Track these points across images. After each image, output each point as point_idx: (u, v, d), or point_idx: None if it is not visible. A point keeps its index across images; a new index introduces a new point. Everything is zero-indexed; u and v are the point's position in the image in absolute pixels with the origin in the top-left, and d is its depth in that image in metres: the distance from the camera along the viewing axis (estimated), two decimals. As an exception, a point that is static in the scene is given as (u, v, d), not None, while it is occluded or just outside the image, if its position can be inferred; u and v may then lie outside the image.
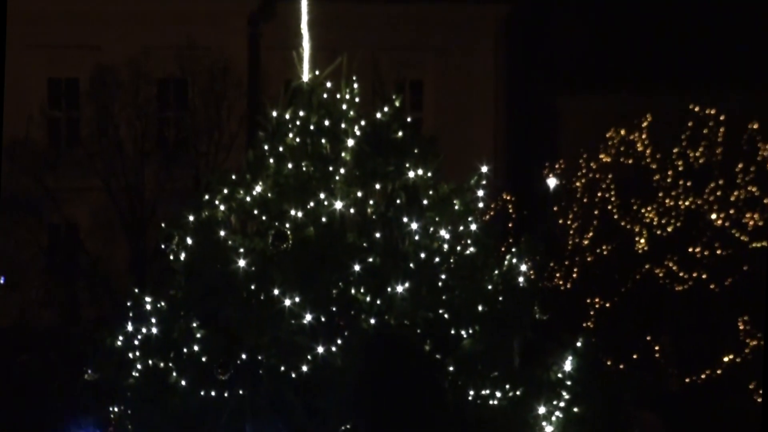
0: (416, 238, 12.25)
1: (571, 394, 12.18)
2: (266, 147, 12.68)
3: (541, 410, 12.05)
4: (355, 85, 12.94)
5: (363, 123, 12.80)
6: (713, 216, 33.69)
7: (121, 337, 12.57)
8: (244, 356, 11.85)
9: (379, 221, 12.29)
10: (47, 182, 47.16)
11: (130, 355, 12.47)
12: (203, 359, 11.90)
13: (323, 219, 12.14)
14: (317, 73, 12.90)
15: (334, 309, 12.00)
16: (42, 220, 48.20)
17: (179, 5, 48.36)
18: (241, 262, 12.13)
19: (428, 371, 11.99)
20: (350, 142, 12.49)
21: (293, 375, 11.77)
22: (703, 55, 52.80)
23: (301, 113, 12.60)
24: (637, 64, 51.30)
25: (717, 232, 33.93)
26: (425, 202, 12.49)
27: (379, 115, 12.81)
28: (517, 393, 12.17)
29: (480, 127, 51.87)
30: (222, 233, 12.39)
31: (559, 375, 12.27)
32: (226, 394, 11.87)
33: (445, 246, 12.39)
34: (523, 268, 12.65)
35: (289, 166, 12.46)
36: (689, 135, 34.77)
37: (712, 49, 52.93)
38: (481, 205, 12.99)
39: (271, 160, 12.51)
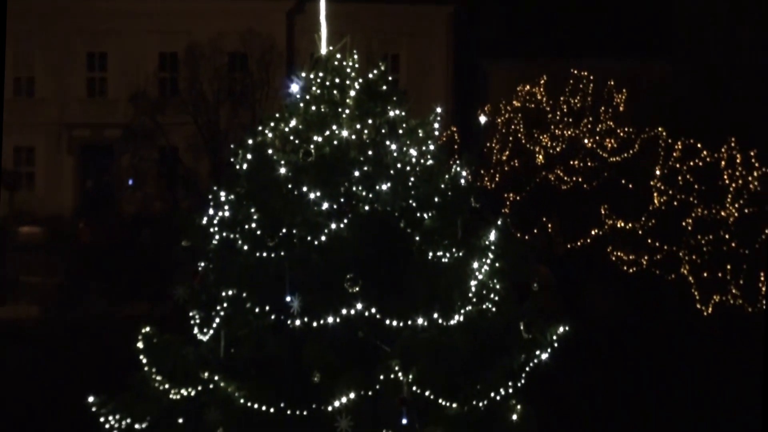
0: (395, 154, 12.39)
1: (494, 254, 12.21)
2: (297, 97, 12.67)
3: (475, 265, 12.03)
4: (355, 56, 13.03)
5: (360, 80, 12.87)
6: (585, 141, 33.76)
7: (205, 218, 12.55)
8: (284, 230, 11.85)
9: (371, 144, 12.43)
10: (157, 119, 47.60)
11: (211, 229, 12.46)
12: (258, 232, 11.89)
13: (335, 142, 12.25)
14: (331, 48, 12.90)
15: (342, 200, 12.09)
16: (154, 143, 49.63)
17: (242, 4, 50.14)
18: (282, 170, 12.16)
19: (402, 241, 12.01)
20: (352, 93, 12.69)
21: (315, 243, 11.78)
22: (580, 35, 53.15)
23: (320, 74, 12.67)
24: (538, 43, 52.48)
25: (588, 151, 33.96)
26: (400, 131, 12.57)
27: (371, 75, 12.88)
28: (460, 254, 12.22)
29: (436, 83, 54.59)
30: (269, 151, 12.42)
31: (486, 242, 12.27)
32: (273, 255, 11.81)
33: (413, 160, 12.43)
34: (464, 174, 12.67)
35: (312, 108, 12.49)
36: (571, 88, 34.56)
37: (587, 31, 53.21)
38: (437, 133, 12.96)
39: (301, 104, 12.50)
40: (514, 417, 12.64)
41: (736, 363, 31.93)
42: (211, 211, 13.21)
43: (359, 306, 12.08)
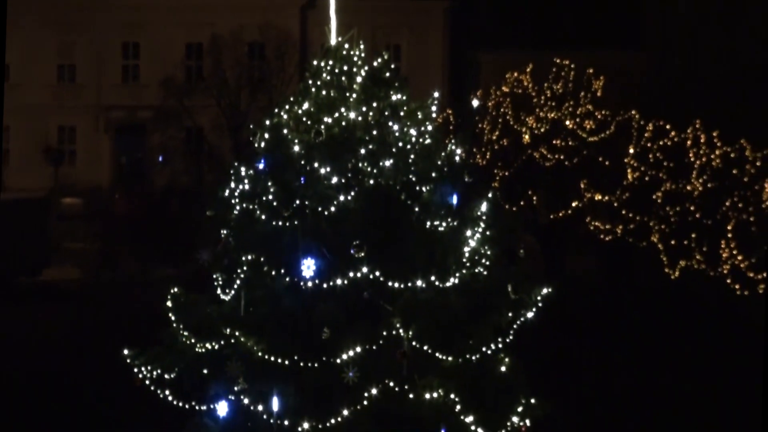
0: (396, 134, 12.27)
1: (485, 224, 12.11)
2: (310, 81, 12.51)
3: (468, 233, 11.94)
4: (361, 47, 12.90)
5: (366, 68, 12.73)
6: (567, 122, 33.56)
7: (227, 190, 12.46)
8: (297, 202, 11.75)
9: (375, 125, 12.33)
10: (184, 102, 47.39)
11: (232, 201, 12.38)
12: (274, 203, 11.81)
13: (343, 123, 12.15)
14: (339, 39, 12.75)
15: (349, 174, 11.96)
16: (182, 124, 49.44)
17: (262, 1, 49.03)
18: (296, 148, 12.07)
19: (403, 211, 11.92)
20: (358, 79, 12.55)
21: (326, 213, 11.71)
22: (563, 27, 52.83)
23: (330, 62, 12.51)
24: (525, 34, 52.05)
25: (569, 132, 33.88)
26: (401, 113, 12.44)
27: (375, 64, 12.75)
28: (454, 223, 12.08)
29: (433, 70, 54.78)
30: (284, 131, 12.30)
31: (478, 213, 12.17)
32: (287, 224, 11.73)
33: (413, 139, 12.32)
34: (459, 152, 12.56)
35: (323, 92, 12.37)
36: (553, 76, 34.31)
37: (569, 24, 52.89)
38: (434, 115, 12.84)
39: (313, 89, 12.37)
40: (503, 369, 12.66)
41: (700, 319, 32.00)
42: (232, 185, 13.15)
43: (364, 269, 12.03)
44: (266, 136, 13.24)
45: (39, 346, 30.79)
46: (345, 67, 13.23)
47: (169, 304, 13.05)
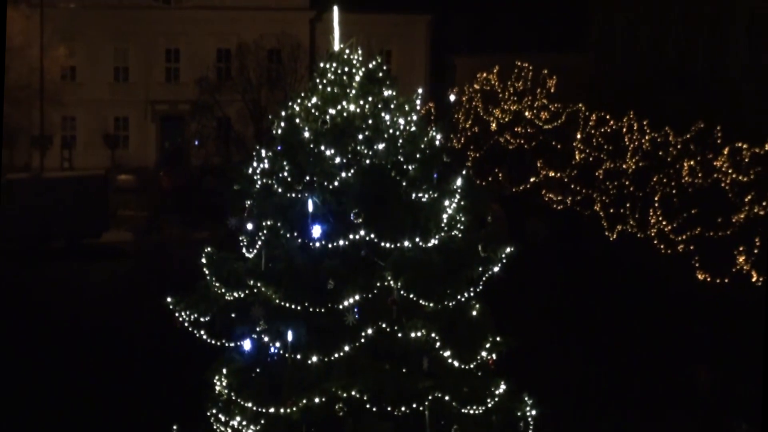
0: (387, 123, 12.05)
1: (460, 195, 11.96)
2: (317, 80, 12.31)
3: (446, 203, 11.80)
4: (359, 52, 12.67)
5: (363, 69, 12.47)
6: (526, 113, 33.35)
7: (250, 168, 12.29)
8: (307, 177, 11.62)
9: (370, 115, 12.10)
10: (216, 97, 46.84)
11: (255, 177, 12.21)
12: (288, 179, 11.67)
13: (344, 114, 11.96)
14: (341, 46, 12.54)
15: (349, 155, 11.82)
16: (214, 114, 48.63)
17: (277, 14, 50.76)
18: (306, 134, 11.89)
19: (393, 185, 11.77)
20: (357, 78, 12.26)
21: (330, 187, 11.57)
22: (523, 36, 52.24)
23: (334, 64, 12.31)
24: (492, 42, 51.47)
25: (528, 121, 33.66)
26: (392, 106, 12.23)
27: (370, 66, 12.53)
28: (435, 194, 11.94)
29: (418, 71, 54.72)
30: (297, 120, 12.11)
31: (454, 186, 12.03)
32: (299, 195, 11.62)
33: (401, 127, 12.13)
34: (439, 137, 12.38)
35: (328, 89, 12.17)
36: (515, 75, 34.10)
37: (528, 32, 52.26)
38: (418, 107, 12.66)
39: (320, 86, 12.18)
40: (474, 313, 12.57)
41: (631, 271, 32.08)
42: (254, 164, 13.01)
43: (362, 232, 11.92)
44: (282, 124, 13.09)
45: (100, 295, 31.20)
46: (345, 69, 13.06)
47: (203, 260, 12.91)
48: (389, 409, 12.00)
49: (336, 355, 12.04)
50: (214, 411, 13.17)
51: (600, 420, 20.56)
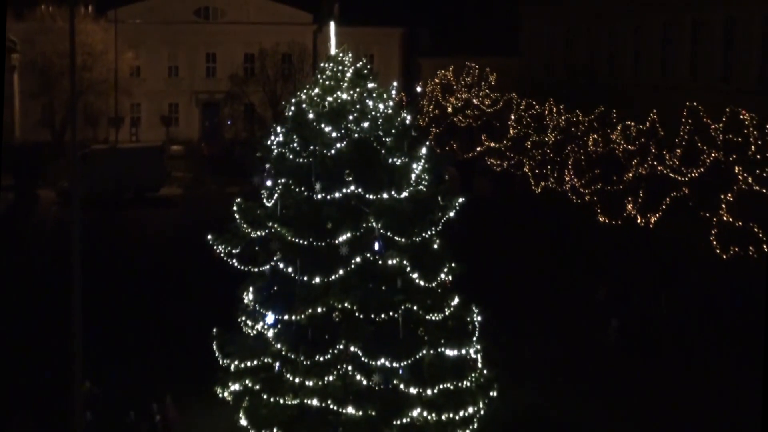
0: (370, 107, 11.86)
1: (425, 160, 11.85)
2: (318, 76, 12.09)
3: (414, 166, 11.76)
4: (350, 55, 12.41)
5: (352, 68, 12.25)
6: (474, 100, 33.83)
7: (268, 141, 12.09)
8: (311, 147, 11.52)
9: (358, 101, 11.86)
10: (243, 89, 46.12)
11: (272, 147, 12.05)
12: (297, 148, 11.54)
13: (339, 100, 11.75)
14: (336, 50, 12.29)
15: (342, 131, 11.67)
16: (242, 102, 48.09)
17: (289, 28, 50.57)
18: (310, 115, 11.71)
19: (375, 153, 11.71)
20: (348, 74, 12.01)
21: (329, 154, 11.63)
22: (472, 42, 51.37)
23: (331, 64, 12.07)
24: (448, 48, 50.40)
25: (475, 106, 33.48)
26: (374, 94, 12.07)
27: (359, 65, 12.29)
28: (406, 159, 12.00)
29: (394, 69, 55.42)
30: (303, 105, 11.91)
31: (421, 153, 12.04)
32: (305, 160, 11.69)
33: (381, 110, 11.93)
34: (408, 118, 12.20)
35: (327, 82, 11.94)
36: (466, 72, 33.95)
37: (477, 39, 51.41)
38: (393, 95, 12.46)
39: (320, 80, 11.98)
40: (435, 246, 12.59)
41: (551, 216, 32.23)
42: (272, 137, 12.88)
43: (352, 187, 11.94)
44: (292, 108, 12.96)
45: (158, 235, 31.58)
46: (340, 67, 12.93)
47: (234, 208, 12.90)
48: (372, 316, 12.07)
49: (333, 277, 12.07)
50: (243, 318, 13.27)
51: (521, 339, 19.75)
